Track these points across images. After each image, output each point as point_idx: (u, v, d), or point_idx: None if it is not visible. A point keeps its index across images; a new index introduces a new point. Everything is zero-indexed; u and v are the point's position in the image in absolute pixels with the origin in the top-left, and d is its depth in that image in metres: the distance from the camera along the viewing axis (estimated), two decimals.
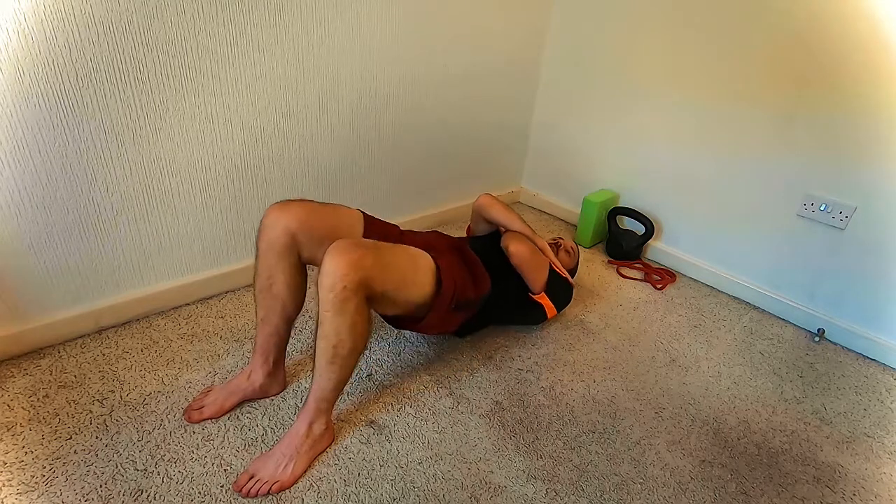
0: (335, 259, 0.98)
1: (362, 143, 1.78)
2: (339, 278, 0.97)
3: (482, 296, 1.31)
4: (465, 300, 1.25)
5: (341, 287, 0.97)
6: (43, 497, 0.98)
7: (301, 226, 1.13)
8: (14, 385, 1.22)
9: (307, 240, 1.14)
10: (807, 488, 1.17)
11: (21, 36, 1.06)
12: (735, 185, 1.81)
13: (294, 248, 1.14)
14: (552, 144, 2.37)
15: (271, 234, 1.12)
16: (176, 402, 1.22)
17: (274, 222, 1.12)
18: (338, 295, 0.97)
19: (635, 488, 1.13)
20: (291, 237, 1.12)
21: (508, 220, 1.53)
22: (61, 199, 1.24)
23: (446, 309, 1.20)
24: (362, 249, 1.02)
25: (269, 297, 1.15)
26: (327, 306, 0.98)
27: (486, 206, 1.56)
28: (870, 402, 1.46)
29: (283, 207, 1.14)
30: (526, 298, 1.47)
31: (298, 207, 1.15)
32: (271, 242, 1.12)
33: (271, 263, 1.13)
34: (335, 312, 0.98)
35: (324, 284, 0.98)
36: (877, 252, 1.56)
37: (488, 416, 1.28)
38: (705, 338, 1.66)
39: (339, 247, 1.00)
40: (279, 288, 1.15)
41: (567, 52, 2.18)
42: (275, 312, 1.17)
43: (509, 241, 1.42)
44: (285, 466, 1.05)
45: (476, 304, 1.31)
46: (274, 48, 1.43)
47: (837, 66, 1.51)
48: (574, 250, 1.73)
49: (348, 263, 0.97)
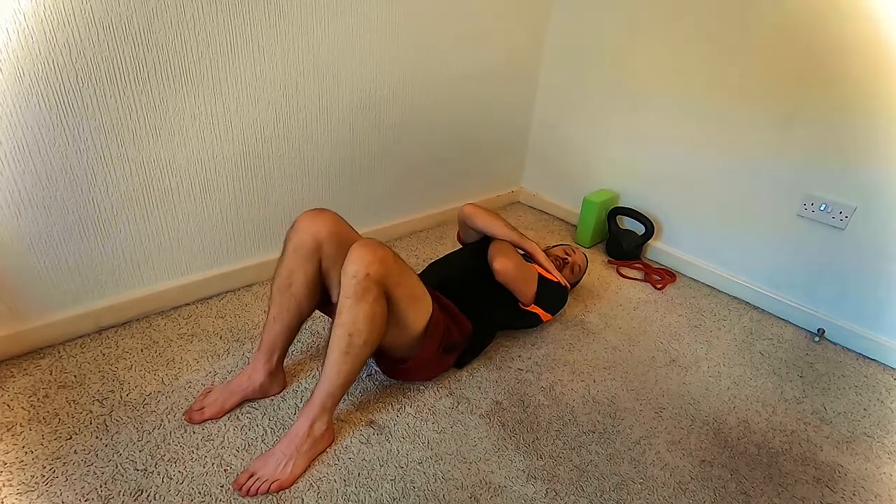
0: (363, 250, 1.03)
1: (362, 143, 1.78)
2: (364, 266, 1.01)
3: (466, 335, 1.34)
4: (451, 342, 1.29)
5: (364, 274, 1.01)
6: (43, 497, 0.98)
7: (329, 236, 1.17)
8: (14, 385, 1.22)
9: (331, 250, 1.17)
10: (807, 488, 1.17)
11: (21, 36, 1.06)
12: (735, 185, 1.81)
13: (318, 254, 1.17)
14: (552, 144, 2.37)
15: (302, 236, 1.16)
16: (176, 402, 1.22)
17: (306, 226, 1.16)
18: (360, 282, 1.01)
19: (635, 488, 1.13)
20: (318, 244, 1.16)
21: (493, 228, 1.53)
22: (61, 199, 1.24)
23: (436, 349, 1.24)
24: (387, 249, 1.07)
25: (287, 296, 1.17)
26: (349, 292, 1.02)
27: (469, 216, 1.57)
28: (870, 402, 1.46)
29: (316, 214, 1.19)
30: (517, 310, 1.47)
31: (331, 217, 1.19)
32: (299, 244, 1.16)
33: (295, 265, 1.16)
34: (356, 300, 1.02)
35: (348, 272, 1.02)
36: (877, 252, 1.56)
37: (488, 416, 1.28)
38: (705, 338, 1.66)
39: (366, 241, 1.06)
40: (298, 288, 1.17)
41: (567, 53, 2.19)
42: (289, 311, 1.18)
43: (493, 258, 1.39)
44: (285, 466, 1.05)
45: (462, 345, 1.35)
46: (274, 48, 1.43)
47: (837, 66, 1.51)
48: (581, 268, 1.72)
49: (375, 256, 1.03)
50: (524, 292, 1.43)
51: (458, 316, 1.34)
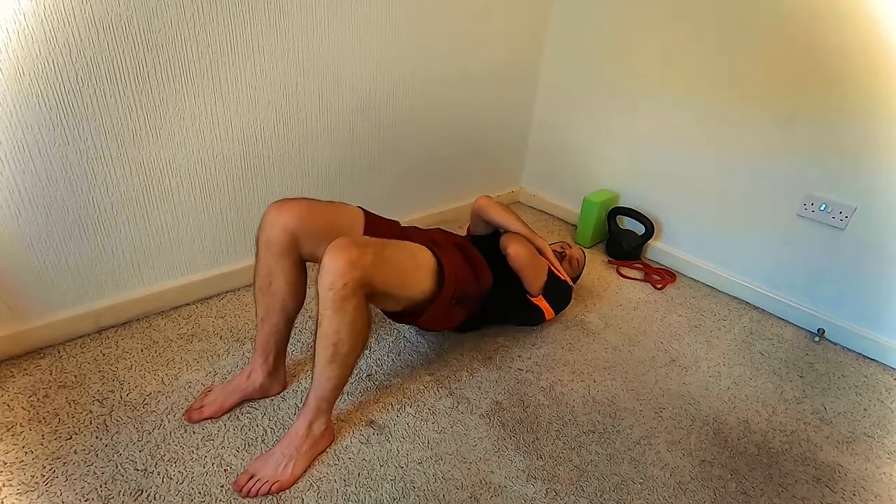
0: (334, 257, 0.97)
1: (362, 143, 1.78)
2: (338, 276, 0.96)
3: (484, 290, 1.31)
4: (466, 294, 1.24)
5: (341, 285, 0.96)
6: (43, 497, 0.98)
7: (300, 224, 1.12)
8: (14, 385, 1.22)
9: (307, 238, 1.13)
10: (807, 488, 1.17)
11: (21, 36, 1.06)
12: (735, 185, 1.81)
13: (294, 246, 1.13)
14: (552, 144, 2.37)
15: (271, 232, 1.12)
16: (176, 402, 1.22)
17: (273, 221, 1.12)
18: (337, 293, 0.97)
19: (635, 488, 1.13)
20: (291, 235, 1.12)
21: (507, 221, 1.52)
22: (61, 199, 1.24)
23: (447, 303, 1.20)
24: (362, 247, 1.01)
25: (269, 295, 1.15)
26: (327, 305, 0.98)
27: (484, 208, 1.56)
28: (870, 402, 1.46)
29: (281, 206, 1.14)
30: (524, 300, 1.47)
31: (297, 205, 1.14)
32: (270, 241, 1.12)
33: (271, 262, 1.13)
34: (334, 311, 0.98)
35: (323, 283, 0.97)
36: (877, 252, 1.56)
37: (488, 416, 1.28)
38: (705, 338, 1.66)
39: (338, 245, 0.99)
40: (279, 286, 1.15)
41: (567, 52, 2.18)
42: (274, 311, 1.17)
43: (508, 243, 1.40)
44: (285, 466, 1.05)
45: (477, 300, 1.31)
46: (274, 48, 1.43)
47: (837, 66, 1.51)
48: (579, 262, 1.73)
49: (348, 261, 0.97)
50: (534, 282, 1.43)
51: (483, 268, 1.31)
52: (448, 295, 1.19)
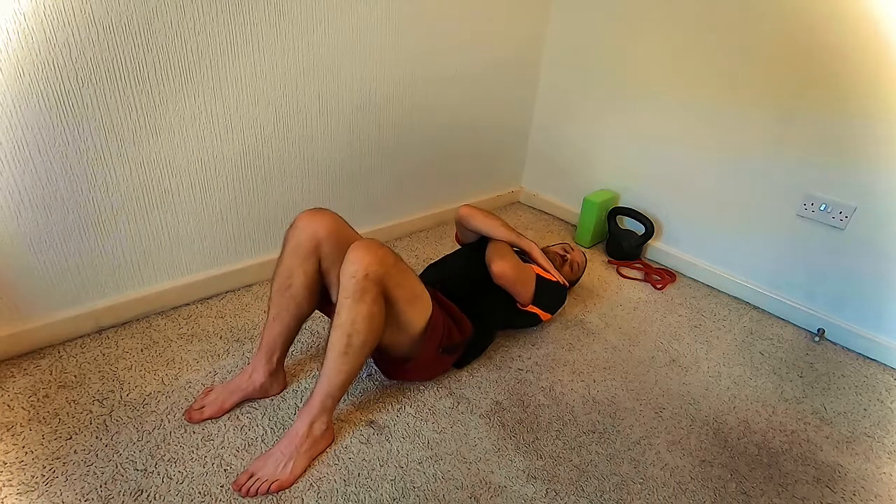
0: (362, 250, 1.04)
1: (362, 143, 1.78)
2: (363, 266, 1.02)
3: (466, 337, 1.33)
4: (451, 344, 1.29)
5: (363, 275, 1.01)
6: (43, 497, 0.98)
7: (328, 236, 1.16)
8: (14, 385, 1.22)
9: (330, 250, 1.17)
10: (807, 488, 1.17)
11: (21, 36, 1.06)
12: (735, 185, 1.81)
13: (317, 254, 1.17)
14: (552, 145, 2.37)
15: (300, 236, 1.16)
16: (176, 402, 1.22)
17: (305, 225, 1.16)
18: (359, 282, 1.01)
19: (635, 488, 1.13)
20: (317, 243, 1.16)
21: (490, 228, 1.51)
22: (61, 199, 1.24)
23: (435, 351, 1.24)
24: (387, 249, 1.08)
25: (287, 296, 1.18)
26: (348, 293, 1.02)
27: (466, 218, 1.56)
28: (870, 402, 1.46)
29: (314, 214, 1.18)
30: (517, 310, 1.46)
31: (330, 218, 1.19)
32: (298, 244, 1.16)
33: (294, 265, 1.16)
34: (355, 300, 1.02)
35: (346, 271, 1.03)
36: (877, 252, 1.56)
37: (488, 416, 1.28)
38: (705, 338, 1.66)
39: (364, 241, 1.06)
40: (297, 289, 1.17)
41: (567, 53, 2.18)
42: (289, 311, 1.18)
43: (491, 261, 1.38)
44: (285, 465, 1.05)
45: (461, 347, 1.34)
46: (274, 48, 1.43)
47: (837, 66, 1.51)
48: (580, 266, 1.73)
49: (374, 256, 1.03)
50: (522, 294, 1.42)
51: (459, 316, 1.34)
52: (435, 342, 1.23)
